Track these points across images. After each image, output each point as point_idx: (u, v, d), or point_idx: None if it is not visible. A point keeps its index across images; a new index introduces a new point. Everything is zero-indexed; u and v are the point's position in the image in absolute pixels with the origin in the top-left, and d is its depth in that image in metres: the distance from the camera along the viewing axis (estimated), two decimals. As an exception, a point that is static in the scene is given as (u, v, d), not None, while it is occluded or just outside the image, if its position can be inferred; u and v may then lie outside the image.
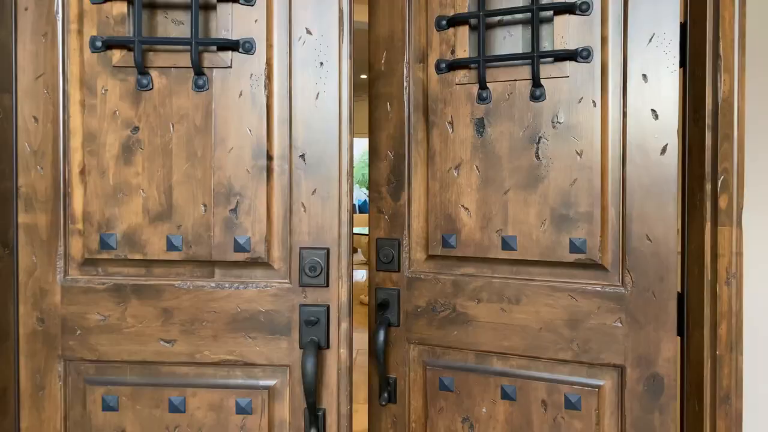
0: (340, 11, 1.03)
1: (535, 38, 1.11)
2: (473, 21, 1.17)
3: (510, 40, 1.19)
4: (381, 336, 1.20)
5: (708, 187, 0.95)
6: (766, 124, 1.13)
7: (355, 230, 6.72)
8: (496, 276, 1.17)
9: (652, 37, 1.05)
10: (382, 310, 1.26)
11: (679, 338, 1.05)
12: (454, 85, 1.18)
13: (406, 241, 1.24)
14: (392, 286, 1.26)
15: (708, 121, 0.95)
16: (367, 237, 1.36)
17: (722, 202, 0.94)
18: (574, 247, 1.12)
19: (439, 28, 1.20)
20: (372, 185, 1.28)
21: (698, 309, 0.99)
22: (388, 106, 1.24)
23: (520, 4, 1.16)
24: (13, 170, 1.07)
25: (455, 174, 1.13)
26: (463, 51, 1.18)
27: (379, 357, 1.21)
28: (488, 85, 1.17)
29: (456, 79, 1.18)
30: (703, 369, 0.96)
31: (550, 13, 1.13)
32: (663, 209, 1.06)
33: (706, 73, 0.95)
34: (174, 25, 1.08)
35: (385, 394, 1.24)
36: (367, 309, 1.36)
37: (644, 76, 1.06)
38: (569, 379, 1.13)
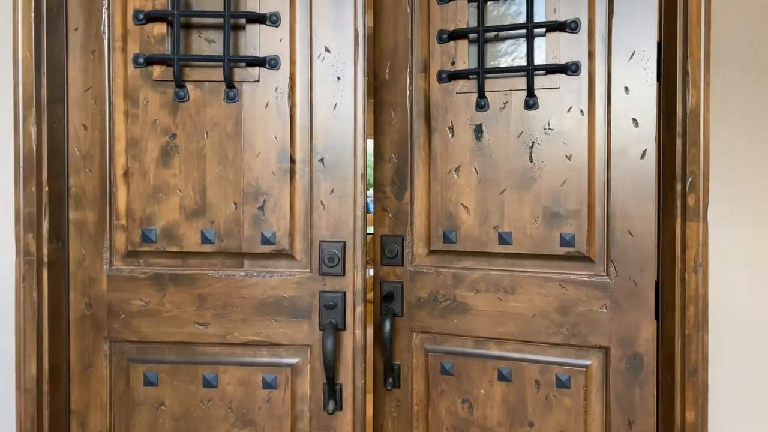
0: (356, 32, 1.20)
1: (529, 53, 1.27)
2: (472, 35, 1.34)
3: (506, 53, 1.35)
4: (387, 326, 1.36)
5: (678, 187, 1.11)
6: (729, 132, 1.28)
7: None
8: (493, 268, 1.33)
9: (633, 54, 1.21)
10: (388, 302, 1.41)
11: (656, 321, 1.21)
12: (454, 93, 1.34)
13: (409, 238, 1.39)
14: (396, 279, 1.41)
15: (678, 129, 1.11)
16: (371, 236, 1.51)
17: (690, 201, 1.10)
18: (564, 241, 1.28)
19: (441, 41, 1.35)
20: (377, 186, 1.43)
21: (671, 294, 1.14)
22: (392, 112, 1.40)
23: (517, 22, 1.32)
24: (65, 172, 1.23)
25: (455, 175, 1.29)
26: (463, 63, 1.33)
27: (385, 345, 1.36)
28: (486, 94, 1.33)
29: (456, 89, 1.34)
30: (674, 347, 1.12)
31: (542, 29, 1.30)
32: (643, 207, 1.22)
33: (676, 88, 1.11)
34: (207, 43, 1.25)
35: (390, 380, 1.39)
36: (370, 306, 1.51)
37: (626, 88, 1.22)
38: (560, 361, 1.29)
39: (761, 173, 1.21)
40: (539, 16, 1.29)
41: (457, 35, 1.32)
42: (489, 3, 1.34)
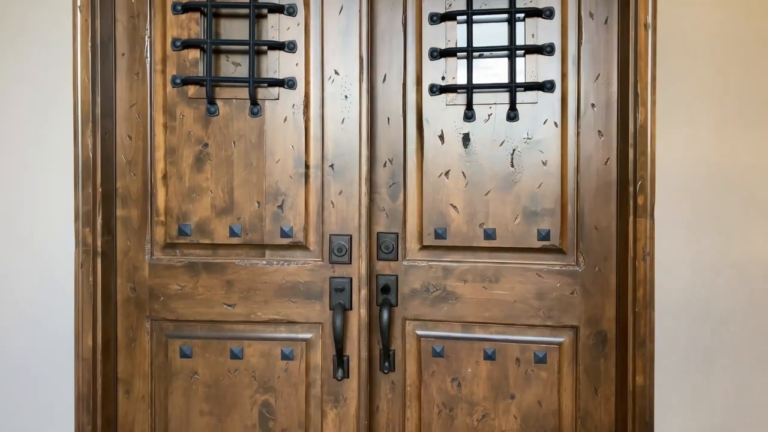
0: (360, 57, 1.47)
1: (512, 71, 1.54)
2: (461, 54, 1.60)
3: (488, 70, 1.62)
4: (385, 315, 1.60)
5: (631, 189, 1.37)
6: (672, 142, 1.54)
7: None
8: (479, 261, 1.59)
9: (598, 76, 1.48)
10: (385, 294, 1.65)
11: (616, 303, 1.48)
12: (444, 105, 1.60)
13: (403, 235, 1.65)
14: (391, 273, 1.65)
15: (631, 140, 1.37)
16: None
17: (640, 201, 1.36)
18: (540, 236, 1.54)
19: (432, 57, 1.61)
20: (374, 187, 1.67)
21: (624, 279, 1.40)
22: (388, 121, 1.67)
23: (501, 43, 1.59)
24: (114, 176, 1.52)
25: (445, 179, 1.56)
26: (452, 78, 1.59)
27: (383, 332, 1.59)
28: (473, 106, 1.59)
29: (446, 101, 1.60)
30: (628, 323, 1.39)
31: (523, 51, 1.56)
32: (606, 206, 1.48)
33: (629, 106, 1.38)
34: (233, 66, 1.53)
35: (386, 363, 1.65)
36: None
37: (593, 105, 1.49)
38: (537, 340, 1.56)
39: (702, 178, 1.48)
40: (519, 40, 1.56)
41: (447, 53, 1.58)
42: (476, 26, 1.61)
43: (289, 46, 1.49)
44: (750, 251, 1.47)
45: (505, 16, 1.54)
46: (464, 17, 1.53)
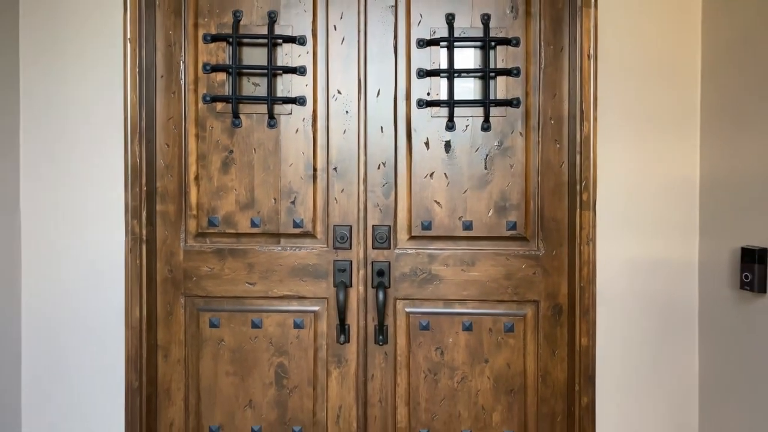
0: (359, 79, 1.88)
1: (486, 90, 1.94)
2: (444, 74, 2.00)
3: (466, 87, 2.03)
4: (380, 296, 1.99)
5: (578, 188, 1.79)
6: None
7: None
8: (459, 248, 1.99)
9: (555, 95, 1.89)
10: (379, 277, 2.06)
11: (568, 280, 1.89)
12: (430, 117, 2.01)
13: (395, 227, 2.05)
14: (384, 260, 2.06)
15: (578, 148, 1.78)
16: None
17: (584, 197, 1.77)
18: (509, 226, 1.95)
19: (419, 76, 2.00)
20: (370, 186, 2.06)
21: (573, 260, 1.82)
22: (381, 130, 2.06)
23: (476, 66, 1.99)
24: (155, 177, 1.92)
25: (430, 179, 1.96)
26: (436, 94, 1.99)
27: (380, 310, 1.99)
28: (454, 118, 2.00)
29: (431, 113, 2.00)
30: (575, 296, 1.80)
31: (494, 74, 1.96)
32: (560, 202, 1.89)
33: (577, 120, 1.79)
34: (254, 86, 1.94)
35: (381, 337, 2.06)
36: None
37: (551, 118, 1.89)
38: (506, 312, 1.96)
39: (636, 181, 1.88)
40: (492, 64, 1.96)
41: (432, 73, 1.98)
42: (456, 51, 2.01)
43: (300, 70, 1.90)
44: (667, 238, 1.88)
45: (480, 43, 1.95)
46: (446, 43, 1.93)
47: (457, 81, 1.97)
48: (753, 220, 1.58)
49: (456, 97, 1.95)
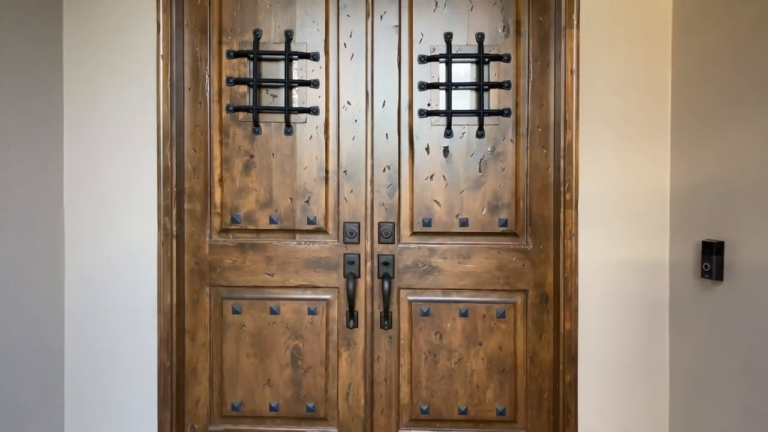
0: (366, 91, 2.09)
1: (480, 101, 2.15)
2: (442, 87, 2.20)
3: (462, 98, 2.23)
4: (386, 285, 2.21)
5: (562, 189, 1.99)
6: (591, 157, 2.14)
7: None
8: (456, 243, 2.20)
9: (542, 105, 2.09)
10: (385, 269, 2.27)
11: (553, 271, 2.10)
12: (430, 125, 2.21)
13: (398, 224, 2.26)
14: (389, 253, 2.27)
15: (562, 153, 1.99)
16: (380, 220, 2.38)
17: (568, 197, 1.98)
18: (501, 223, 2.15)
19: (420, 88, 2.21)
20: (376, 187, 2.28)
21: (557, 253, 2.02)
22: (386, 137, 2.27)
23: (472, 80, 2.19)
24: (183, 179, 2.12)
25: (430, 181, 2.16)
26: (436, 104, 2.20)
27: (385, 298, 2.22)
28: (452, 126, 2.20)
29: (431, 122, 2.20)
30: (560, 285, 2.00)
31: (487, 87, 2.17)
32: (547, 201, 2.10)
33: (561, 128, 2.00)
34: (272, 97, 2.14)
35: (386, 322, 2.26)
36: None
37: (538, 127, 2.10)
38: (498, 300, 2.17)
39: (614, 182, 2.08)
40: (485, 77, 2.17)
41: (432, 86, 2.18)
42: (454, 66, 2.22)
43: (313, 84, 2.10)
44: (642, 233, 2.08)
45: (475, 59, 2.15)
46: (445, 59, 2.13)
47: (454, 93, 2.17)
48: (713, 217, 1.78)
49: (453, 108, 2.16)
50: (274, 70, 2.16)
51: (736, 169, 1.66)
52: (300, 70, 2.12)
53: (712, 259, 1.72)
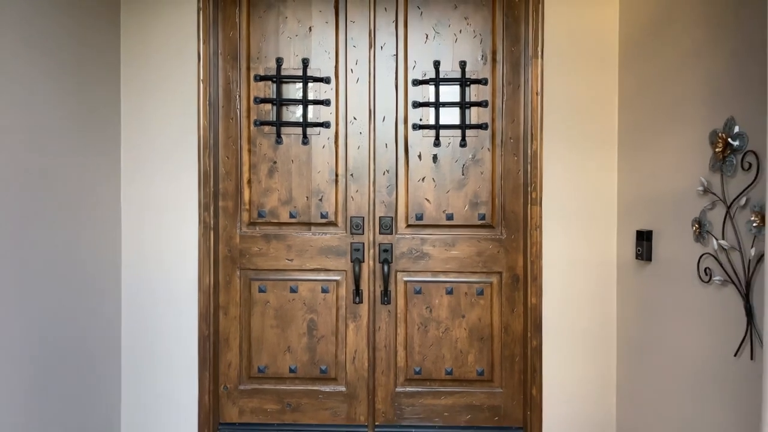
0: (369, 109, 2.48)
1: (462, 117, 2.54)
2: (431, 106, 2.59)
3: (449, 114, 2.62)
4: (386, 268, 2.61)
5: (529, 189, 2.39)
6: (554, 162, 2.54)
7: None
8: (443, 233, 2.59)
9: (513, 120, 2.49)
10: (385, 255, 2.67)
11: (524, 257, 2.50)
12: (422, 137, 2.60)
13: (396, 218, 2.65)
14: (388, 242, 2.66)
15: (529, 160, 2.39)
16: (380, 215, 2.78)
17: (534, 196, 2.38)
18: (480, 217, 2.55)
19: (414, 106, 2.60)
20: (377, 188, 2.68)
21: (525, 242, 2.43)
22: (386, 146, 2.66)
23: (456, 100, 2.59)
24: (218, 181, 2.51)
25: (422, 183, 2.56)
26: (427, 120, 2.59)
27: (385, 279, 2.61)
28: (440, 137, 2.59)
29: (423, 134, 2.60)
30: (527, 267, 2.41)
31: (468, 105, 2.56)
32: (518, 199, 2.50)
33: (528, 139, 2.40)
34: (291, 113, 2.53)
35: (385, 298, 2.66)
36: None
37: (510, 138, 2.50)
38: (478, 280, 2.56)
39: (571, 184, 2.48)
40: (467, 98, 2.56)
41: (423, 105, 2.58)
42: (441, 88, 2.61)
43: (326, 102, 2.49)
44: (595, 224, 2.48)
45: (459, 83, 2.54)
46: (434, 83, 2.53)
47: (441, 110, 2.57)
48: (644, 212, 2.18)
49: (441, 122, 2.55)
50: (293, 91, 2.54)
51: (660, 173, 2.06)
52: (315, 91, 2.51)
53: (643, 244, 2.12)
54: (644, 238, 2.12)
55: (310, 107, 2.52)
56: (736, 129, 1.59)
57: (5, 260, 1.80)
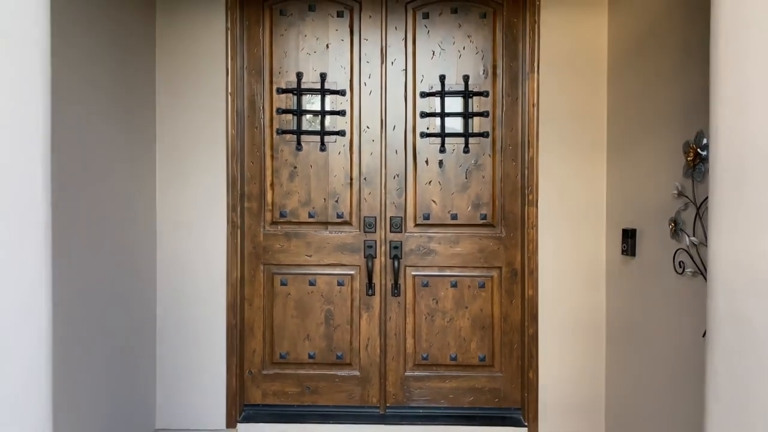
0: (381, 119, 2.70)
1: (466, 125, 2.76)
2: (438, 116, 2.81)
3: (453, 123, 2.84)
4: (396, 264, 2.84)
5: (526, 191, 2.61)
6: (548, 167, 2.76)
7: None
8: (448, 232, 2.81)
9: (512, 129, 2.71)
10: (395, 251, 2.90)
11: (521, 252, 2.71)
12: (429, 144, 2.82)
13: (405, 218, 2.87)
14: (398, 240, 2.89)
15: (526, 165, 2.61)
16: (389, 215, 3.00)
17: (530, 198, 2.60)
18: (481, 217, 2.77)
19: (421, 117, 2.83)
20: (388, 190, 2.90)
21: (524, 239, 2.65)
22: (395, 152, 2.88)
23: (460, 110, 2.81)
24: (244, 184, 2.73)
25: (429, 186, 2.78)
26: (433, 128, 2.81)
27: (395, 273, 2.84)
28: (445, 144, 2.81)
29: (430, 141, 2.82)
30: (525, 263, 2.62)
31: (471, 115, 2.78)
32: (516, 200, 2.71)
33: (525, 146, 2.62)
34: (310, 123, 2.75)
35: (396, 291, 2.88)
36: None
37: (509, 145, 2.72)
38: (480, 275, 2.78)
39: (564, 187, 2.70)
40: (470, 108, 2.78)
41: (430, 114, 2.80)
42: (446, 99, 2.82)
43: (341, 113, 2.71)
44: (586, 223, 2.69)
45: (462, 95, 2.76)
46: (440, 95, 2.75)
47: (447, 120, 2.79)
48: (629, 212, 2.40)
49: (446, 131, 2.77)
50: (311, 102, 2.77)
51: (642, 178, 2.27)
52: (332, 102, 2.74)
53: (628, 241, 2.34)
54: (629, 236, 2.34)
55: (327, 117, 2.74)
56: (704, 141, 1.81)
57: (76, 253, 2.03)
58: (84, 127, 2.13)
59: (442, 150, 2.77)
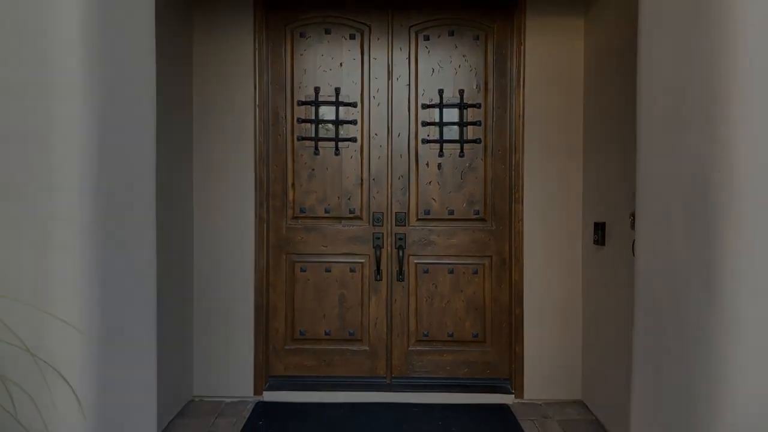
0: (388, 127, 3.05)
1: (461, 133, 3.11)
2: (436, 125, 3.16)
3: (450, 131, 3.19)
4: (400, 253, 3.19)
5: (514, 190, 2.96)
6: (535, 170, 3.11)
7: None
8: (446, 226, 3.16)
9: (502, 136, 3.05)
10: (399, 242, 3.24)
11: (509, 243, 3.07)
12: (429, 149, 3.17)
13: (408, 213, 3.22)
14: (402, 233, 3.24)
15: (513, 168, 2.96)
16: (394, 212, 3.35)
17: (517, 196, 2.95)
18: (475, 213, 3.11)
19: (423, 125, 3.17)
20: (393, 190, 3.25)
21: (511, 232, 3.00)
22: (400, 156, 3.23)
23: (456, 120, 3.15)
24: (269, 184, 3.08)
25: (429, 185, 3.12)
26: (433, 135, 3.16)
27: (400, 262, 3.18)
28: (444, 149, 3.16)
29: (430, 147, 3.16)
30: (512, 252, 2.97)
31: (466, 124, 3.12)
32: (505, 198, 3.06)
33: (512, 151, 2.96)
34: (326, 130, 3.10)
35: (400, 276, 3.23)
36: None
37: (499, 149, 3.06)
38: (473, 263, 3.13)
39: (546, 186, 3.04)
40: (465, 118, 3.12)
41: (430, 123, 3.15)
42: (444, 110, 3.17)
43: (353, 122, 3.06)
44: (566, 217, 3.04)
45: (458, 107, 3.11)
46: (438, 107, 3.10)
47: (444, 128, 3.14)
48: (600, 207, 2.75)
49: (444, 138, 3.12)
50: (327, 112, 3.12)
51: (610, 177, 2.62)
52: (345, 113, 3.09)
53: (599, 232, 2.69)
54: (600, 228, 2.69)
55: (341, 126, 3.10)
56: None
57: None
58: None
59: (441, 154, 3.12)
